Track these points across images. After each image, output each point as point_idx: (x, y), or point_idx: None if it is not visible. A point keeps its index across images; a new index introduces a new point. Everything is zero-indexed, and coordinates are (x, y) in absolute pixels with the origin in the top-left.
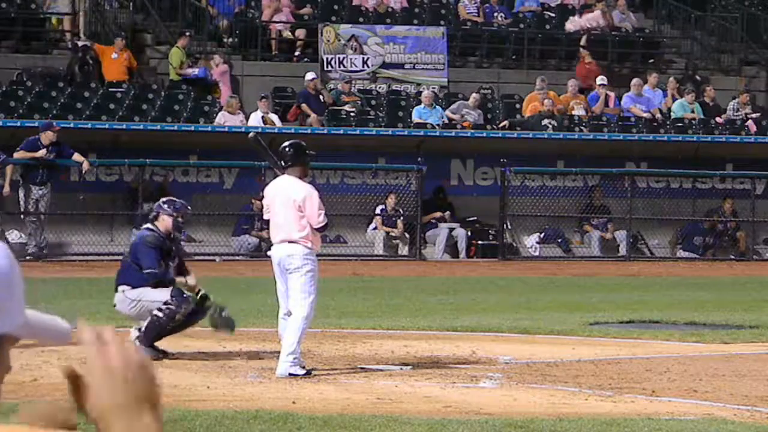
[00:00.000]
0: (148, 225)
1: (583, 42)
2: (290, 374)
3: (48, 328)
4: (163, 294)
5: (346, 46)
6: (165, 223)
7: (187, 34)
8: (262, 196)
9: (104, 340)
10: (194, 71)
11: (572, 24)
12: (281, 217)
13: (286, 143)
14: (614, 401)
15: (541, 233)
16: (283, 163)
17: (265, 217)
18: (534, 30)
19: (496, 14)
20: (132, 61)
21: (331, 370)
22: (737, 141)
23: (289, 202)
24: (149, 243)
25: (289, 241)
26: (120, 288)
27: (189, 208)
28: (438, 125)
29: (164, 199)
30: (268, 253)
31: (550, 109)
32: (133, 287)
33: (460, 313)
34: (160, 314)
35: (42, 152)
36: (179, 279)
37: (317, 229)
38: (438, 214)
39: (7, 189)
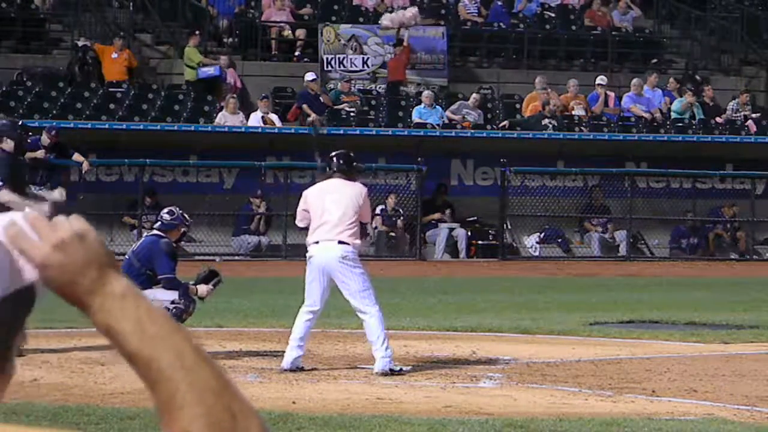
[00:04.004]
0: (156, 231)
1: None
2: (390, 369)
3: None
4: (171, 294)
5: (346, 46)
6: (175, 232)
7: (197, 33)
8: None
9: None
10: (209, 70)
11: (387, 20)
12: (335, 216)
13: (334, 153)
14: (614, 401)
15: (541, 233)
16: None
17: (301, 224)
18: (534, 30)
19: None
20: (132, 61)
21: (331, 370)
22: (737, 141)
23: (350, 201)
24: (166, 251)
25: (340, 242)
26: None
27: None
28: (438, 125)
29: (179, 210)
30: (310, 253)
31: (552, 108)
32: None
33: (460, 313)
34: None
35: (41, 153)
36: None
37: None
38: (438, 215)
39: None
